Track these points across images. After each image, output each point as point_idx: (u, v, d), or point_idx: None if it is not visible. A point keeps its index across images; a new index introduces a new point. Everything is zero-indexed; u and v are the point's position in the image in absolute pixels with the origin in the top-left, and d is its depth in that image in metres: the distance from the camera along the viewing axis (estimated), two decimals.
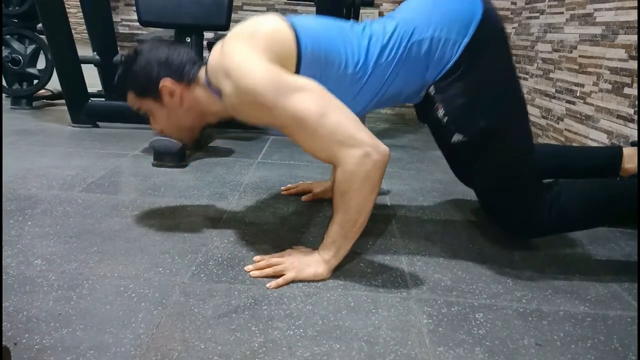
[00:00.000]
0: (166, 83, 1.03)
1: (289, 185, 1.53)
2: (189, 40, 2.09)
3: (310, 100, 0.89)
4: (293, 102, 0.88)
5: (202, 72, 1.05)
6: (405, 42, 1.01)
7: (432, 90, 1.05)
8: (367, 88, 1.03)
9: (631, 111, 1.55)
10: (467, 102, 1.02)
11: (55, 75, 2.30)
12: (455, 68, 1.01)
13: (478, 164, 1.11)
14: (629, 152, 1.29)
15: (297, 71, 0.96)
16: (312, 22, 1.03)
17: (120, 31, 2.75)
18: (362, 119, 0.95)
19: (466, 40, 0.99)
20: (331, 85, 0.95)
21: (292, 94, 0.88)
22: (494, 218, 1.16)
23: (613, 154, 1.30)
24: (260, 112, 0.92)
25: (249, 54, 0.92)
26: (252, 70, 0.89)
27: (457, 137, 1.05)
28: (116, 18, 2.67)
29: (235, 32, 0.98)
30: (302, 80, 0.92)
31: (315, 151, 0.93)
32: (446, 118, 1.04)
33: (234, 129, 2.37)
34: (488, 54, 1.02)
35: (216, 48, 1.01)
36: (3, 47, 2.51)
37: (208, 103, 1.06)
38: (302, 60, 0.96)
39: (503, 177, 1.09)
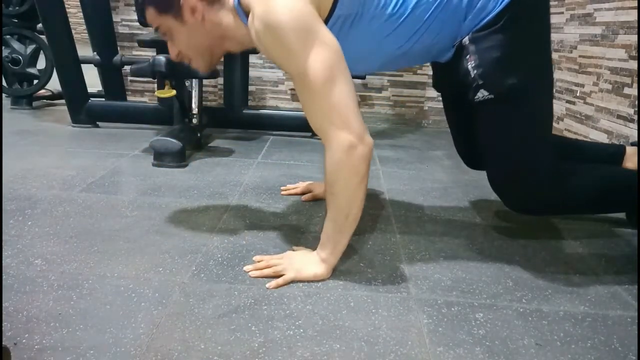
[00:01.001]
0: None
1: (288, 186, 1.53)
2: None
3: (326, 60, 0.87)
4: (309, 55, 0.87)
5: None
6: None
7: (466, 40, 1.02)
8: (400, 31, 1.00)
9: (631, 111, 1.55)
10: (501, 57, 0.99)
11: (55, 75, 2.31)
12: (495, 20, 0.98)
13: (496, 127, 1.07)
14: (630, 150, 1.29)
15: (335, 4, 0.94)
16: None
17: (120, 31, 2.75)
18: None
19: None
20: (364, 23, 0.95)
21: (313, 46, 0.87)
22: (500, 189, 1.12)
23: (615, 151, 1.30)
24: (277, 50, 0.90)
25: None
26: (285, 6, 0.87)
27: (482, 94, 1.02)
28: (116, 18, 2.67)
29: None
30: (328, 37, 0.90)
31: (310, 116, 0.93)
32: (476, 71, 1.01)
33: (234, 128, 2.37)
34: (530, 12, 1.01)
35: None
36: (3, 47, 2.51)
37: (232, 27, 1.01)
38: None
39: (519, 143, 1.05)
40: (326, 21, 0.95)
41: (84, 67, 2.27)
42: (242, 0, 0.97)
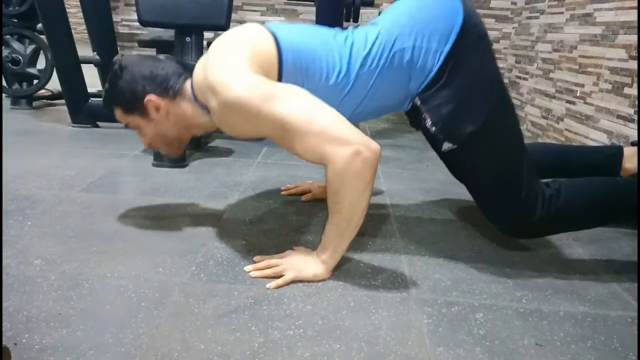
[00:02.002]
0: (151, 98, 1.04)
1: (288, 185, 1.53)
2: (188, 40, 2.09)
3: (297, 104, 0.90)
4: (280, 108, 0.89)
5: (187, 84, 1.06)
6: (387, 52, 1.02)
7: (417, 101, 1.06)
8: (350, 98, 1.03)
9: (631, 111, 1.55)
10: (453, 110, 1.03)
11: (55, 75, 2.30)
12: (438, 77, 1.02)
13: (471, 168, 1.12)
14: (629, 151, 1.29)
15: (279, 81, 0.97)
16: (294, 32, 1.03)
17: (120, 31, 2.75)
18: (355, 124, 0.96)
19: (447, 48, 1.00)
20: (313, 92, 0.95)
21: (278, 100, 0.89)
22: (493, 220, 1.15)
23: (613, 153, 1.30)
24: (249, 122, 0.92)
25: (231, 67, 0.93)
26: (236, 82, 0.90)
27: (447, 146, 1.07)
28: (116, 18, 2.68)
29: (217, 46, 0.99)
30: (286, 86, 0.93)
31: (306, 153, 0.92)
32: (434, 128, 1.06)
33: None
34: (470, 60, 1.03)
35: (199, 64, 1.02)
36: (3, 47, 2.51)
37: (194, 115, 1.07)
38: (284, 71, 0.98)
39: (497, 177, 1.08)
40: None
41: (84, 67, 2.27)
42: (197, 95, 1.02)
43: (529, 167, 1.09)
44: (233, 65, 0.93)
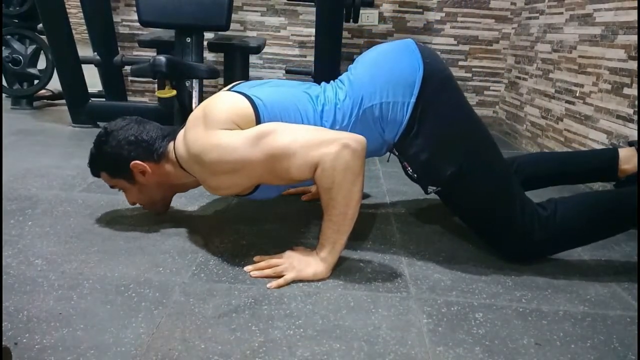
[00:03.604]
0: (137, 163, 1.08)
1: None
2: (189, 41, 2.10)
3: (276, 136, 0.94)
4: (263, 146, 0.93)
5: (170, 146, 1.09)
6: (356, 110, 1.05)
7: (395, 152, 1.11)
8: None
9: (630, 111, 1.55)
10: (430, 156, 1.05)
11: (55, 75, 2.31)
12: (410, 126, 1.05)
13: (460, 206, 1.15)
14: (625, 153, 1.28)
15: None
16: (268, 90, 1.07)
17: (121, 31, 2.75)
18: None
19: (413, 100, 1.03)
20: None
21: (258, 140, 0.94)
22: (496, 249, 1.15)
23: (610, 156, 1.30)
24: (238, 174, 0.96)
25: (209, 133, 0.96)
26: (215, 143, 0.95)
27: (431, 189, 1.10)
28: (116, 18, 2.67)
29: (194, 118, 1.03)
30: (260, 126, 0.97)
31: (300, 169, 0.94)
32: (416, 174, 1.10)
33: None
34: (438, 104, 1.05)
35: (179, 136, 1.06)
36: (3, 47, 2.51)
37: (178, 176, 1.11)
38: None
39: (488, 210, 1.10)
40: None
41: (84, 67, 2.27)
42: (182, 165, 1.06)
43: (519, 193, 1.09)
44: (211, 132, 0.96)
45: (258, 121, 0.99)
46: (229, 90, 1.08)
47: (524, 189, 1.13)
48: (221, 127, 0.96)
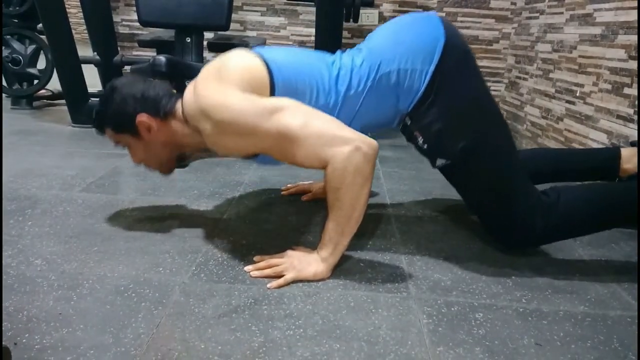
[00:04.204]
0: (142, 118, 1.05)
1: (288, 185, 1.54)
2: (189, 41, 2.10)
3: (290, 114, 0.91)
4: (274, 121, 0.91)
5: (178, 105, 1.07)
6: (373, 75, 1.04)
7: (407, 120, 1.08)
8: (340, 117, 1.04)
9: (631, 111, 1.55)
10: (444, 127, 1.04)
11: (55, 75, 2.31)
12: (425, 96, 1.03)
13: (467, 183, 1.14)
14: (627, 152, 1.29)
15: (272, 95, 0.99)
16: (283, 54, 1.05)
17: (121, 31, 2.75)
18: None
19: (432, 68, 1.02)
20: None
21: (271, 114, 0.91)
22: (494, 234, 1.16)
23: (611, 155, 1.30)
24: (244, 140, 0.94)
25: (222, 90, 0.94)
26: (228, 103, 0.92)
27: (440, 162, 1.09)
28: (116, 18, 2.67)
29: (207, 71, 1.01)
30: (276, 100, 0.95)
31: (306, 160, 0.94)
32: (426, 145, 1.08)
33: None
34: (456, 77, 1.04)
35: (189, 89, 1.03)
36: (3, 47, 2.51)
37: (185, 135, 1.08)
38: (275, 91, 0.99)
39: (494, 191, 1.10)
40: None
41: (84, 67, 2.27)
42: (188, 120, 1.02)
43: (524, 179, 1.09)
44: (223, 87, 0.94)
45: (272, 84, 0.98)
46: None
47: None
48: (234, 85, 0.94)
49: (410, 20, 1.11)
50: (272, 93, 0.99)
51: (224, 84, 0.95)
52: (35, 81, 2.60)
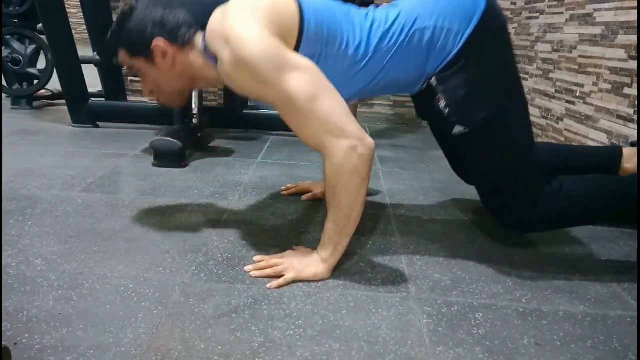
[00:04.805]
0: (159, 43, 1.00)
1: (288, 185, 1.54)
2: None
3: (305, 81, 0.88)
4: (287, 80, 0.87)
5: (198, 37, 1.03)
6: (407, 30, 1.00)
7: (433, 81, 1.04)
8: (365, 71, 1.02)
9: (631, 111, 1.55)
10: (469, 93, 1.01)
11: (55, 75, 2.30)
12: (457, 59, 1.00)
13: (478, 157, 1.11)
14: (628, 152, 1.29)
15: (298, 45, 0.95)
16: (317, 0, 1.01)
17: None
18: (355, 110, 0.95)
19: (469, 30, 0.99)
20: (330, 64, 0.95)
21: (288, 71, 0.88)
22: (494, 213, 1.15)
23: (612, 154, 1.30)
24: (253, 84, 0.91)
25: (250, 24, 0.90)
26: (252, 41, 0.88)
27: (458, 129, 1.04)
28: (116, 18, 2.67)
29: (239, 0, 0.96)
30: (300, 60, 0.91)
31: (304, 136, 0.92)
32: (447, 109, 1.03)
33: (234, 128, 2.37)
34: (490, 46, 1.02)
35: (217, 12, 0.99)
36: (3, 47, 2.51)
37: (201, 68, 1.04)
38: (304, 34, 0.95)
39: (504, 169, 1.09)
40: None
41: (84, 67, 2.27)
42: (208, 45, 0.98)
43: (534, 163, 1.09)
44: (252, 21, 0.90)
45: (301, 26, 0.94)
46: None
47: None
48: (265, 24, 0.90)
49: None
50: (300, 37, 0.95)
51: (254, 17, 0.91)
52: (35, 81, 2.60)
